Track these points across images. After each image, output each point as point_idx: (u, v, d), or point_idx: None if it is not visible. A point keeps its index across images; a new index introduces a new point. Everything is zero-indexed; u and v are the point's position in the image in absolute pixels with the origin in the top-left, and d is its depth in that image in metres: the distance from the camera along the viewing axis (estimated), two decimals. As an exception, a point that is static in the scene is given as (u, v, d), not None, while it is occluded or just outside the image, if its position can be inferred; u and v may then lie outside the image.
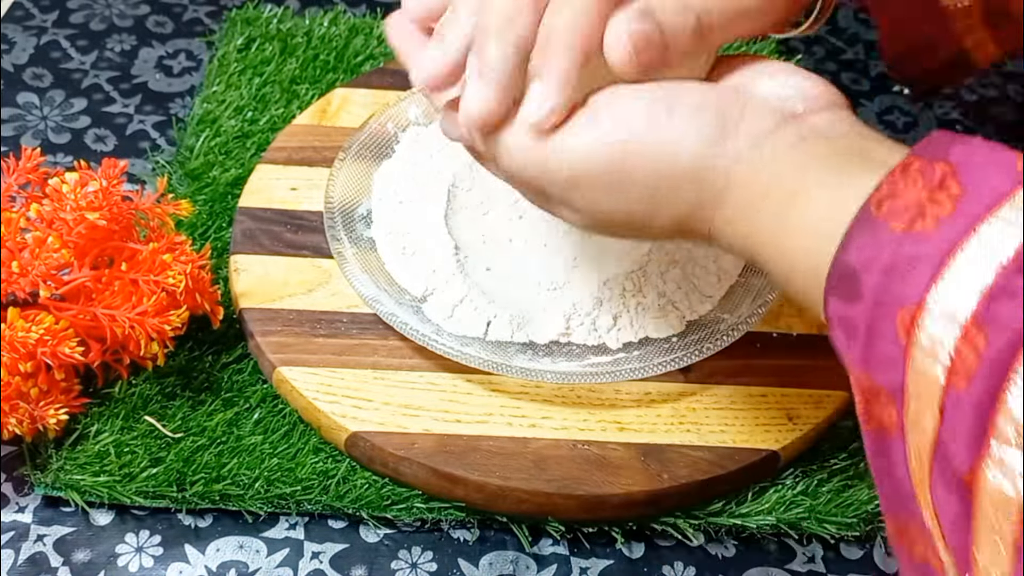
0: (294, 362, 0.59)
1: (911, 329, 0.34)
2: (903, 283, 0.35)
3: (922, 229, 0.35)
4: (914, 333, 0.34)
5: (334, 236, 0.62)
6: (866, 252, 0.36)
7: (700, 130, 0.42)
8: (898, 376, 0.35)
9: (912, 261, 0.35)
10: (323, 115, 0.73)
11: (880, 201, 0.37)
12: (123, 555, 0.55)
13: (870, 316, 0.36)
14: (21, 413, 0.54)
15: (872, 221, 0.36)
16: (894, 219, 0.36)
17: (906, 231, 0.35)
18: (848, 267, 0.37)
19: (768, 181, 0.41)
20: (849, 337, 0.37)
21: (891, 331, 0.35)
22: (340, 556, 0.55)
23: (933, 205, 0.35)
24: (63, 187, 0.56)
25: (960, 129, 0.81)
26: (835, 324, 0.38)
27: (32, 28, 0.82)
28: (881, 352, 0.35)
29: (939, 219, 0.35)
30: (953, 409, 0.33)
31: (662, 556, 0.57)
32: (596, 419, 0.58)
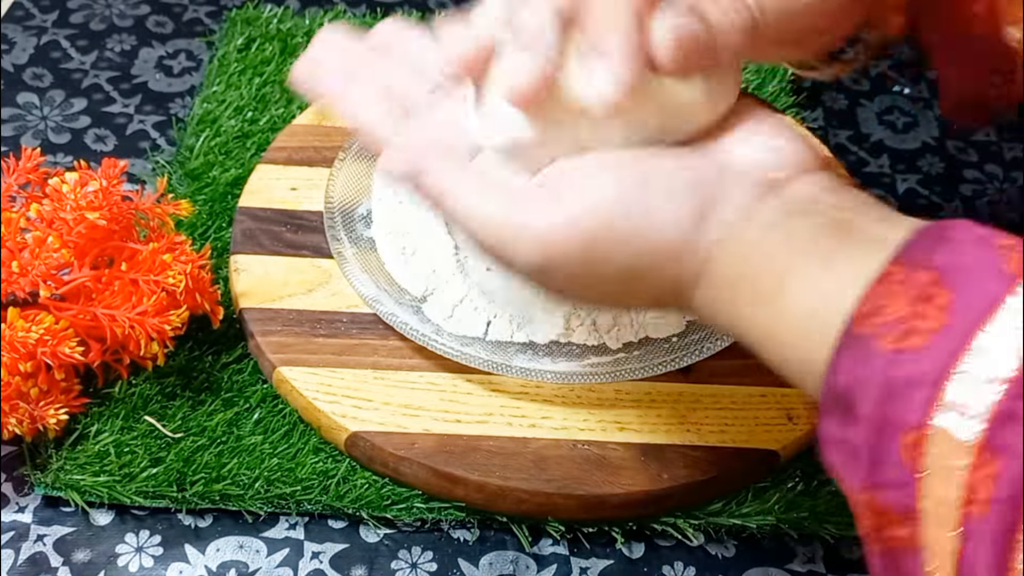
0: (294, 362, 0.59)
1: (917, 454, 0.33)
2: (901, 407, 0.33)
3: (912, 346, 0.33)
4: (921, 459, 0.33)
5: (334, 236, 0.62)
6: (856, 375, 0.35)
7: (676, 213, 0.40)
8: (909, 499, 0.33)
9: (907, 383, 0.33)
10: (323, 115, 0.73)
11: (864, 317, 0.35)
12: (123, 555, 0.55)
13: (871, 440, 0.34)
14: (21, 413, 0.54)
15: (858, 340, 0.35)
16: (881, 338, 0.34)
17: (896, 351, 0.34)
18: (839, 390, 0.35)
19: (747, 265, 0.40)
20: (849, 460, 0.36)
21: (895, 455, 0.34)
22: (340, 556, 0.55)
23: (921, 320, 0.34)
24: (63, 187, 0.56)
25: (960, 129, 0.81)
26: (830, 446, 0.36)
27: (32, 28, 0.82)
28: (888, 476, 0.34)
29: (929, 334, 0.33)
30: (974, 536, 0.32)
31: (662, 556, 0.57)
32: (596, 419, 0.58)
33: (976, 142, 0.81)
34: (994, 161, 0.79)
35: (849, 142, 0.80)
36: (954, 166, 0.79)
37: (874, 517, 0.35)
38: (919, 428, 0.33)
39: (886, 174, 0.78)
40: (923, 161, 0.79)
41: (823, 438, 0.37)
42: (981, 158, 0.79)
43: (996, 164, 0.79)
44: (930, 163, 0.79)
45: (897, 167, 0.78)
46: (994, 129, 0.81)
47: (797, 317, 0.38)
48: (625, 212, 0.40)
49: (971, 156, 0.80)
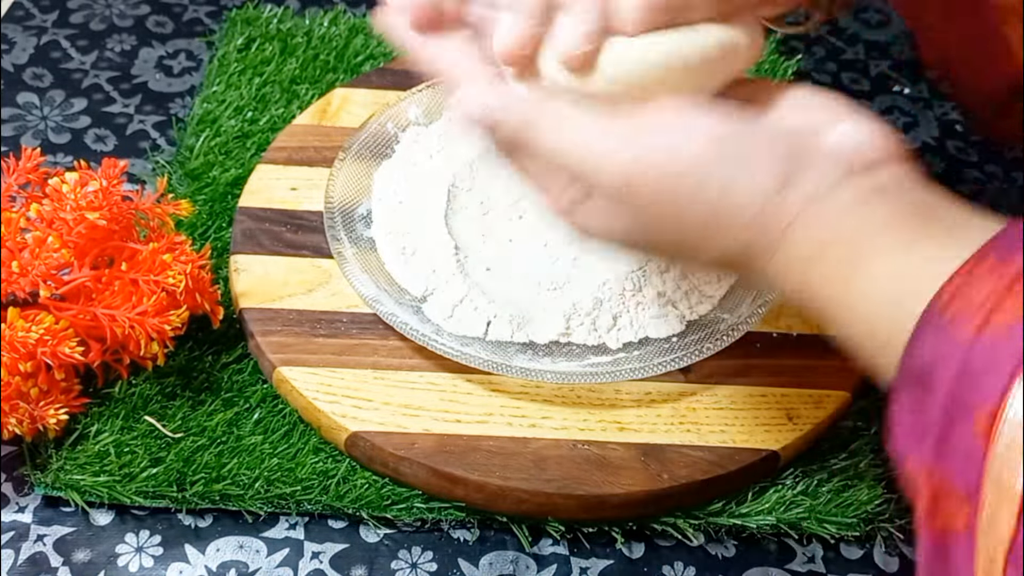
0: (294, 362, 0.59)
1: (989, 433, 0.34)
2: (978, 386, 0.34)
3: (994, 333, 0.34)
4: (992, 437, 0.33)
5: (334, 236, 0.62)
6: (936, 354, 0.36)
7: (765, 172, 0.41)
8: (974, 477, 0.34)
9: (984, 368, 0.34)
10: (323, 115, 0.73)
11: (950, 298, 0.36)
12: (123, 555, 0.55)
13: (943, 419, 0.35)
14: (21, 413, 0.54)
15: (941, 320, 0.36)
16: (964, 321, 0.35)
17: (976, 335, 0.34)
18: (919, 366, 0.36)
19: (826, 239, 0.41)
20: (918, 436, 0.36)
21: (967, 432, 0.34)
22: (340, 556, 0.55)
23: (1004, 308, 0.34)
24: (63, 187, 0.56)
25: (960, 130, 0.81)
26: (900, 422, 0.37)
27: (32, 28, 0.82)
28: (957, 452, 0.35)
29: (1012, 323, 0.34)
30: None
31: (662, 556, 0.57)
32: (596, 419, 0.58)
33: (976, 142, 0.81)
34: (994, 161, 0.79)
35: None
36: (954, 166, 0.79)
37: (934, 497, 0.36)
38: (992, 412, 0.34)
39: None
40: (923, 161, 0.79)
41: (893, 413, 0.37)
42: (981, 158, 0.79)
43: (996, 164, 0.79)
44: (930, 163, 0.79)
45: (897, 167, 0.78)
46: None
47: (875, 293, 0.39)
48: (719, 156, 0.41)
49: (971, 156, 0.80)
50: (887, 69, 0.86)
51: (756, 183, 0.41)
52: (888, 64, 0.86)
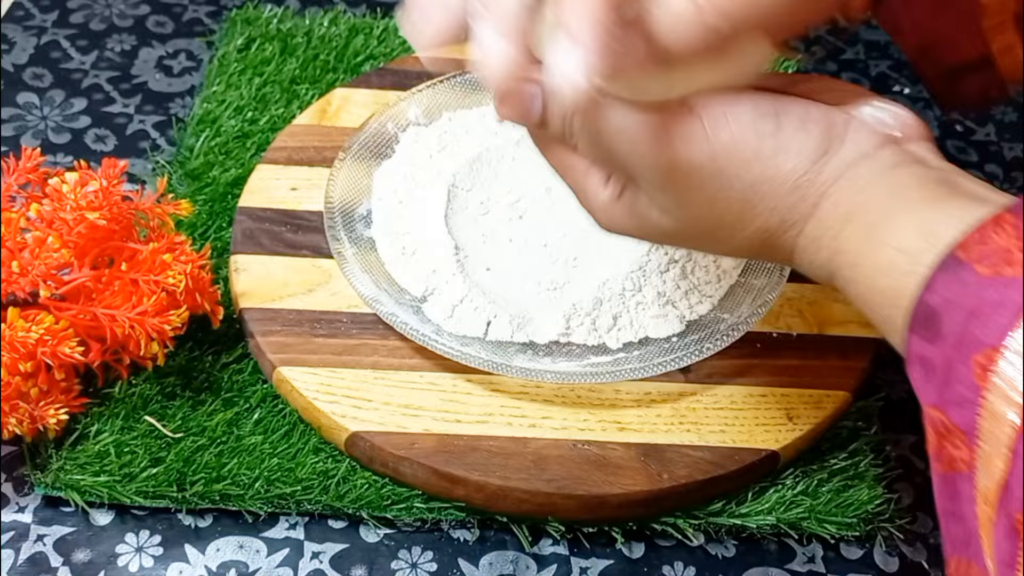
0: (294, 362, 0.59)
1: (986, 372, 0.34)
2: (983, 326, 0.35)
3: (1008, 275, 0.35)
4: (988, 376, 0.34)
5: (334, 236, 0.62)
6: (949, 293, 0.36)
7: (805, 143, 0.42)
8: (972, 417, 0.35)
9: (995, 305, 0.35)
10: (323, 115, 0.73)
11: (968, 245, 0.37)
12: (123, 555, 0.55)
13: (948, 357, 0.36)
14: (21, 413, 0.54)
15: (958, 264, 0.37)
16: (980, 264, 0.36)
17: (992, 276, 0.35)
18: (930, 307, 0.37)
19: (861, 202, 0.42)
20: (927, 376, 0.37)
21: (966, 373, 0.35)
22: (340, 556, 0.55)
23: (1017, 261, 0.35)
24: (63, 187, 0.56)
25: (960, 130, 0.81)
26: (914, 361, 0.38)
27: (32, 28, 0.82)
28: (957, 392, 0.36)
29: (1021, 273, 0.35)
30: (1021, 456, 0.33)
31: (662, 556, 0.57)
32: (596, 419, 0.58)
33: (976, 142, 0.81)
34: (994, 161, 0.79)
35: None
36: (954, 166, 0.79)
37: (940, 435, 0.36)
38: (993, 348, 0.34)
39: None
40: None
41: (908, 355, 0.38)
42: (981, 158, 0.79)
43: (996, 164, 0.79)
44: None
45: (897, 167, 0.78)
46: (994, 129, 0.81)
47: (898, 248, 0.40)
48: (758, 133, 0.42)
49: (971, 156, 0.80)
50: (887, 69, 0.86)
51: (798, 155, 0.42)
52: (888, 64, 0.86)
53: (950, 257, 0.37)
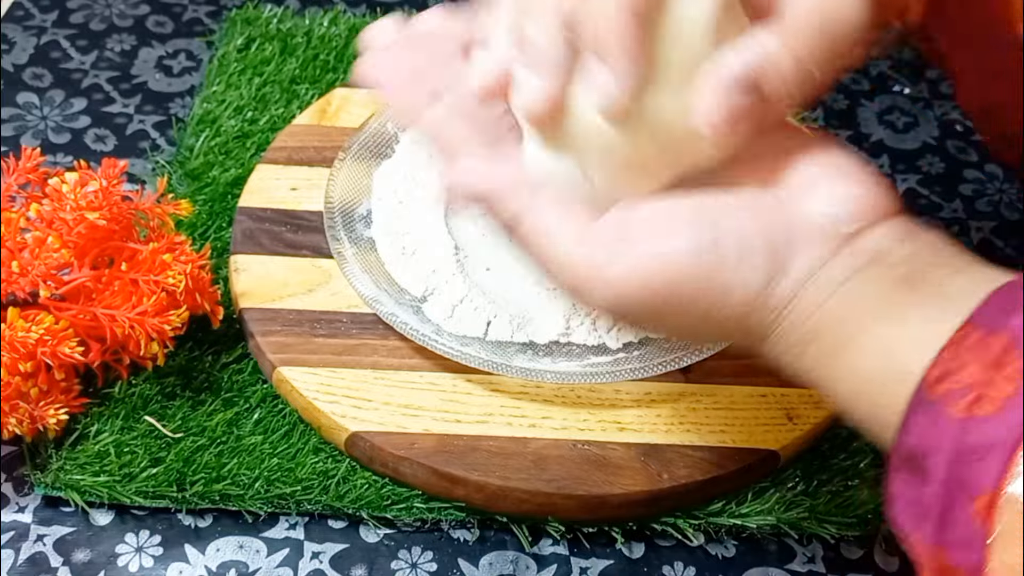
0: (294, 362, 0.59)
1: (988, 518, 0.34)
2: (974, 472, 0.34)
3: (984, 414, 0.34)
4: (992, 524, 0.33)
5: (334, 236, 0.62)
6: (928, 438, 0.35)
7: (749, 274, 0.40)
8: (978, 561, 0.34)
9: (978, 449, 0.34)
10: (323, 115, 0.73)
11: (937, 380, 0.36)
12: (123, 555, 0.55)
13: (943, 502, 0.35)
14: (21, 413, 0.54)
15: (930, 403, 0.36)
16: (952, 403, 0.35)
17: (967, 417, 0.34)
18: (911, 450, 0.36)
19: (816, 323, 0.40)
20: (918, 518, 0.36)
21: (967, 517, 0.34)
22: (340, 556, 0.55)
23: (992, 386, 0.34)
24: (63, 187, 0.56)
25: (960, 129, 0.81)
26: (900, 502, 0.37)
27: (32, 28, 0.82)
28: (958, 537, 0.35)
29: (1001, 401, 0.34)
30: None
31: (662, 556, 0.57)
32: (596, 419, 0.58)
33: (976, 142, 0.81)
34: (994, 161, 0.79)
35: (849, 142, 0.80)
36: (954, 166, 0.79)
37: (940, 573, 0.36)
38: (992, 493, 0.33)
39: (886, 174, 0.78)
40: (923, 161, 0.79)
41: (891, 494, 0.37)
42: (981, 158, 0.79)
43: (996, 164, 0.79)
44: (930, 163, 0.79)
45: (897, 167, 0.78)
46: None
47: (867, 374, 0.39)
48: (698, 272, 0.40)
49: (971, 156, 0.80)
50: (887, 69, 0.86)
51: (744, 288, 0.41)
52: (888, 64, 0.86)
53: (920, 393, 0.36)
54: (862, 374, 0.39)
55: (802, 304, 0.41)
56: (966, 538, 0.34)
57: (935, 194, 0.77)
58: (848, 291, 0.40)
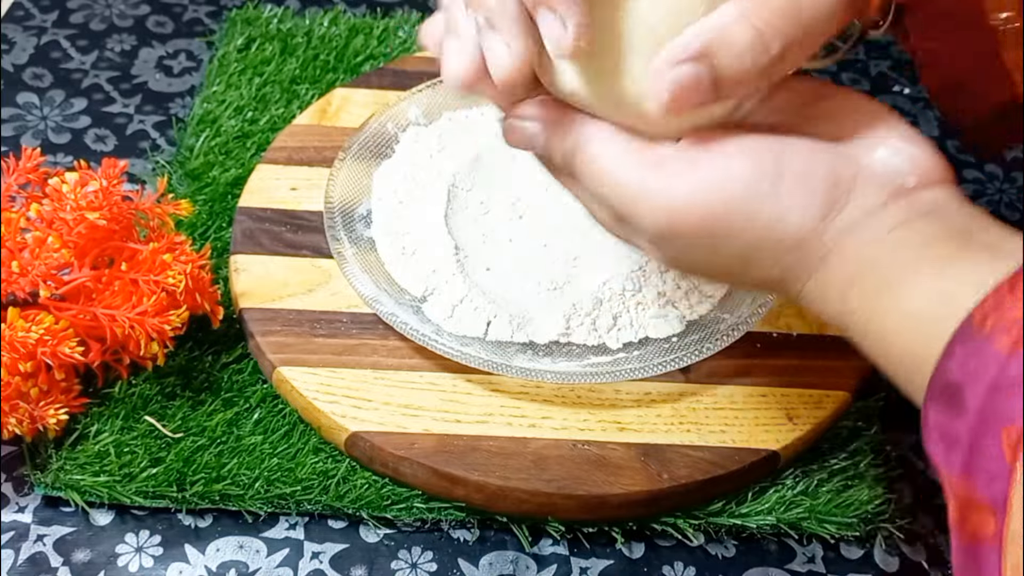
0: (294, 362, 0.59)
1: (1017, 447, 0.34)
2: (1010, 402, 0.34)
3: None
4: (1020, 452, 0.34)
5: (334, 236, 0.62)
6: (970, 367, 0.35)
7: (806, 205, 0.41)
8: (1002, 490, 0.34)
9: (1017, 382, 0.34)
10: (323, 115, 0.73)
11: (985, 315, 0.36)
12: (123, 555, 0.55)
13: (974, 431, 0.35)
14: (21, 413, 0.54)
15: (976, 335, 0.36)
16: (1000, 337, 0.35)
17: (1011, 351, 0.34)
18: (950, 380, 0.36)
19: (867, 263, 0.40)
20: (949, 448, 0.36)
21: (996, 447, 0.34)
22: (340, 556, 0.55)
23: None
24: (63, 187, 0.56)
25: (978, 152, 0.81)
26: (933, 432, 0.37)
27: (32, 28, 0.82)
28: (985, 466, 0.35)
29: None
30: None
31: (662, 556, 0.57)
32: (596, 419, 0.58)
33: (976, 142, 0.81)
34: (994, 161, 0.79)
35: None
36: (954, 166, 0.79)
37: (965, 506, 0.36)
38: (1022, 427, 0.34)
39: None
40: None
41: (926, 424, 0.37)
42: (981, 158, 0.79)
43: (996, 164, 0.79)
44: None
45: (897, 167, 0.78)
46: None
47: (910, 313, 0.39)
48: (757, 194, 0.41)
49: (971, 156, 0.80)
50: (887, 69, 0.86)
51: (799, 216, 0.41)
52: (888, 64, 0.86)
53: (966, 326, 0.36)
54: (907, 311, 0.39)
55: (852, 244, 0.41)
56: (993, 468, 0.34)
57: (935, 194, 0.77)
58: (900, 236, 0.40)
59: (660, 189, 0.42)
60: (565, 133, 0.43)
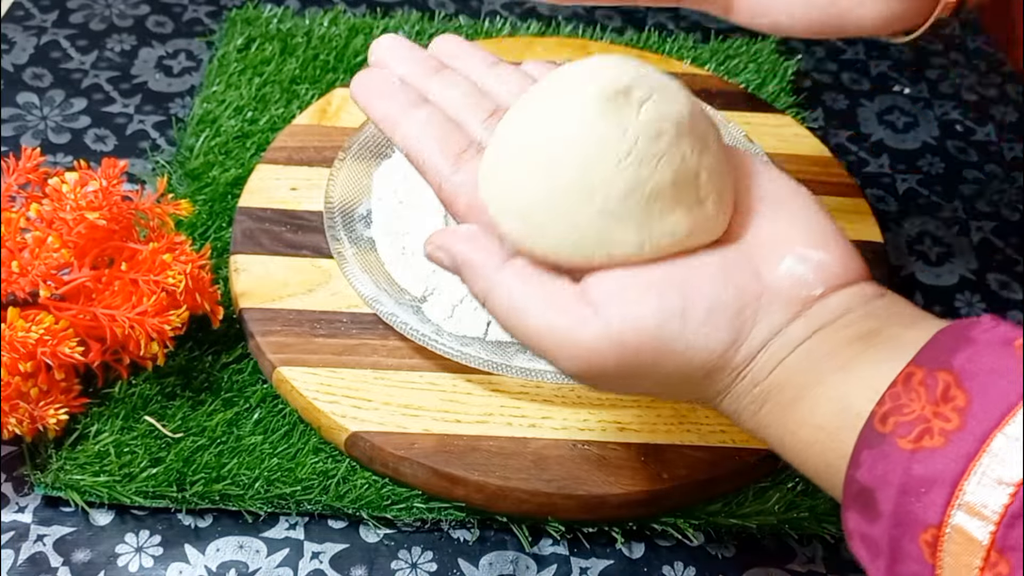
0: (294, 362, 0.59)
1: (935, 550, 0.34)
2: (920, 505, 0.35)
3: (931, 446, 0.35)
4: (938, 555, 0.34)
5: (334, 236, 0.62)
6: (877, 470, 0.36)
7: (714, 339, 0.41)
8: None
9: (926, 482, 0.34)
10: (323, 115, 0.73)
11: (885, 415, 0.36)
12: (123, 555, 0.55)
13: (891, 534, 0.36)
14: (21, 413, 0.54)
15: (879, 437, 0.36)
16: (901, 436, 0.36)
17: (914, 450, 0.35)
18: (861, 485, 0.37)
19: (775, 381, 0.41)
20: (872, 554, 0.37)
21: (915, 551, 0.35)
22: (340, 556, 0.55)
23: (939, 419, 0.35)
24: (63, 187, 0.56)
25: (960, 130, 0.81)
26: (855, 538, 0.38)
27: (32, 28, 0.82)
28: (908, 571, 0.35)
29: (947, 434, 0.35)
30: None
31: (662, 556, 0.57)
32: (596, 419, 0.58)
33: (976, 142, 0.81)
34: (994, 161, 0.79)
35: (849, 142, 0.80)
36: (954, 166, 0.79)
37: None
38: (937, 526, 0.34)
39: (886, 174, 0.78)
40: (923, 161, 0.79)
41: (847, 530, 0.38)
42: (981, 158, 0.79)
43: (996, 164, 0.79)
44: (930, 163, 0.79)
45: (897, 167, 0.78)
46: (994, 129, 0.81)
47: (819, 426, 0.40)
48: (665, 337, 0.41)
49: (971, 156, 0.80)
50: (887, 69, 0.86)
51: (706, 352, 0.41)
52: (888, 64, 0.86)
53: (869, 429, 0.37)
54: (816, 422, 0.40)
55: (761, 363, 0.41)
56: (916, 571, 0.35)
57: (935, 194, 0.77)
58: (806, 349, 0.41)
59: (569, 335, 0.42)
60: (476, 276, 0.44)
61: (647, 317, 0.41)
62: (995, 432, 0.34)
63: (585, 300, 0.42)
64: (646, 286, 0.42)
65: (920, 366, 0.37)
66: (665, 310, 0.41)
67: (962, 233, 0.74)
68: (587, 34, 0.83)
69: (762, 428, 0.42)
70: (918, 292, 0.70)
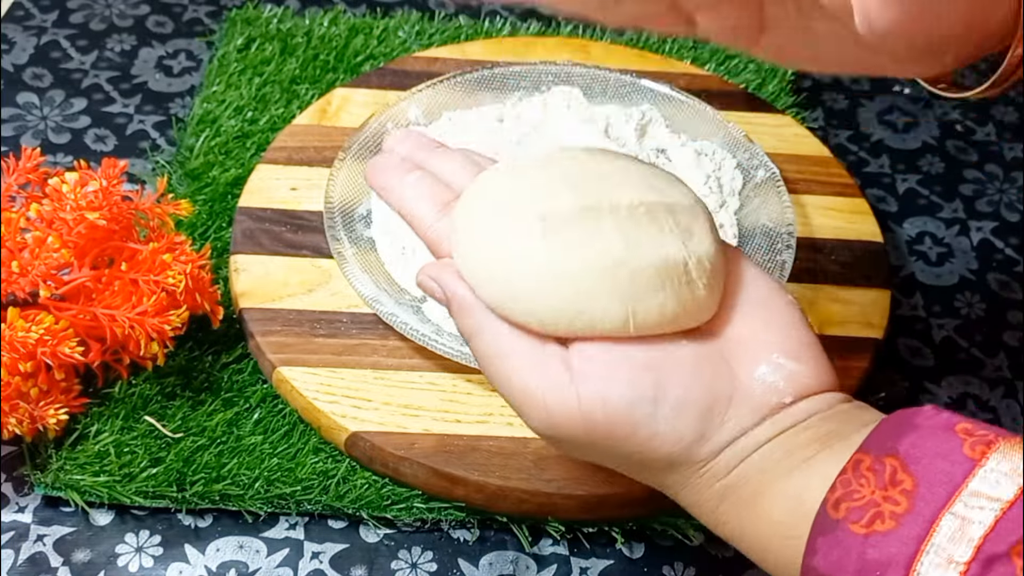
0: (294, 362, 0.59)
1: None
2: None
3: (883, 529, 0.36)
4: None
5: (334, 236, 0.62)
6: (832, 556, 0.37)
7: (681, 432, 0.42)
8: None
9: (880, 565, 0.35)
10: (323, 115, 0.73)
11: (837, 501, 0.38)
12: (123, 555, 0.55)
13: None
14: (21, 413, 0.54)
15: (833, 523, 0.37)
16: (854, 521, 0.37)
17: (867, 534, 0.36)
18: (819, 573, 0.37)
19: (735, 479, 0.42)
20: None
21: None
22: (340, 556, 0.55)
23: (889, 503, 0.36)
24: (63, 187, 0.56)
25: (960, 130, 0.81)
26: None
27: (32, 28, 0.82)
28: None
29: (897, 517, 0.36)
30: None
31: (662, 556, 0.57)
32: (596, 419, 0.58)
33: (976, 142, 0.81)
34: (994, 161, 0.79)
35: (849, 142, 0.80)
36: (954, 166, 0.79)
37: None
38: None
39: (886, 174, 0.78)
40: (923, 161, 0.79)
41: None
42: (981, 158, 0.79)
43: (996, 164, 0.79)
44: (930, 163, 0.79)
45: (897, 167, 0.78)
46: (994, 129, 0.81)
47: (776, 521, 0.41)
48: (632, 421, 0.42)
49: (971, 156, 0.80)
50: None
51: (672, 444, 0.42)
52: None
53: (822, 517, 0.38)
54: (774, 518, 0.41)
55: (724, 460, 0.42)
56: None
57: (935, 194, 0.77)
58: (768, 450, 0.42)
59: (542, 397, 0.43)
60: (466, 315, 0.45)
61: (619, 398, 0.42)
62: (943, 512, 0.35)
63: (566, 364, 0.43)
64: (626, 366, 0.43)
65: (867, 452, 0.38)
66: (638, 395, 0.42)
67: (962, 233, 0.74)
68: (587, 34, 0.83)
69: (721, 524, 0.43)
70: (918, 292, 0.70)
